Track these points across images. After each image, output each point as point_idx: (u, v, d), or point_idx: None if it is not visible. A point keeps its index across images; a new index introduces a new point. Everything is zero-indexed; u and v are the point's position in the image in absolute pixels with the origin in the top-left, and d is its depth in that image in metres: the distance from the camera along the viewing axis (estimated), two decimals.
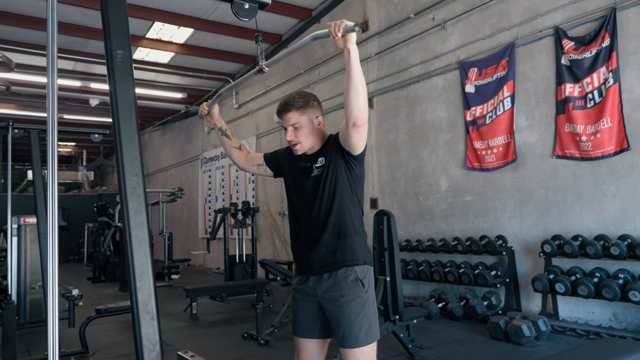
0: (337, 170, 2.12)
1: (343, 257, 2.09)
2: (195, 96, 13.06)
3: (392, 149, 7.45)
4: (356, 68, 1.87)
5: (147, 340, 1.84)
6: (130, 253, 1.83)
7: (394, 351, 4.31)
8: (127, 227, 1.84)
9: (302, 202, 2.22)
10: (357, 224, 2.15)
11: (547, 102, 5.43)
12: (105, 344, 5.01)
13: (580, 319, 4.99)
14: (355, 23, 1.80)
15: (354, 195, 2.15)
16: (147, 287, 1.85)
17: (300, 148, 2.17)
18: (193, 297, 6.30)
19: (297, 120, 2.14)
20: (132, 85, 1.90)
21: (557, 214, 5.30)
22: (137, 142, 1.88)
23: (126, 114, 1.87)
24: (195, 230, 13.96)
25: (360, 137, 2.00)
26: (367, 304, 2.07)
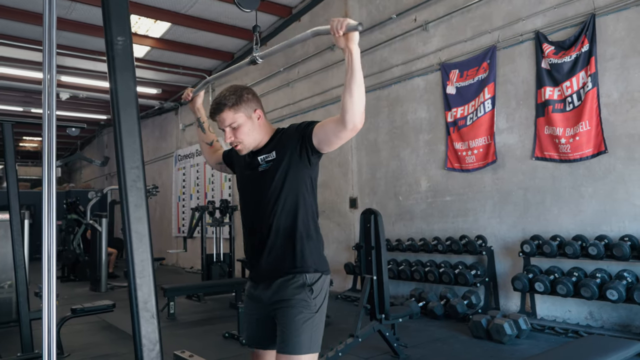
0: (291, 167, 1.95)
1: (292, 264, 1.93)
2: (170, 92, 12.83)
3: (373, 149, 7.47)
4: (358, 69, 1.78)
5: (146, 340, 1.76)
6: (130, 249, 1.75)
7: (379, 350, 4.31)
8: (127, 221, 1.76)
9: (249, 201, 2.07)
10: (310, 227, 1.97)
11: (527, 104, 5.54)
12: (80, 345, 4.84)
13: (558, 317, 5.10)
14: (358, 22, 1.73)
15: (308, 196, 1.99)
16: (147, 284, 1.77)
17: (242, 148, 2.02)
18: (171, 296, 6.17)
19: (233, 119, 1.98)
20: (132, 74, 1.82)
21: (536, 214, 5.41)
22: (137, 133, 1.81)
23: (126, 104, 1.79)
24: (168, 228, 13.70)
25: (348, 138, 1.93)
26: (312, 311, 1.90)
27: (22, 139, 19.04)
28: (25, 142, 19.82)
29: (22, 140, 19.22)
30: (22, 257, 4.55)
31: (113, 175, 17.44)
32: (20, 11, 8.14)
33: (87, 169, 21.32)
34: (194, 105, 2.43)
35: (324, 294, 1.97)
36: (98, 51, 10.06)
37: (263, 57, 2.17)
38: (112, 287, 9.02)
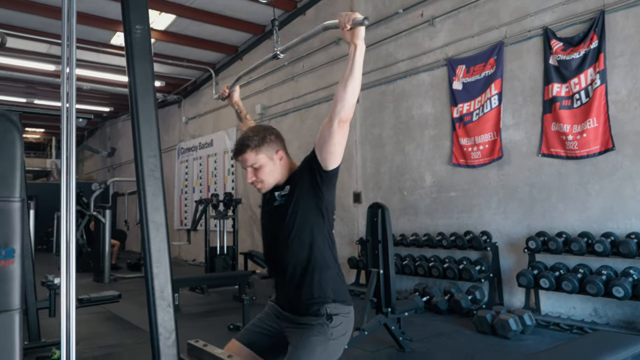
0: (303, 199, 1.95)
1: (310, 295, 1.93)
2: (173, 85, 12.82)
3: (377, 144, 7.46)
4: (359, 65, 1.79)
5: (163, 328, 1.77)
6: (147, 238, 1.76)
7: (384, 344, 4.33)
8: (144, 211, 1.77)
9: (268, 235, 2.11)
10: (327, 257, 1.97)
11: (534, 101, 5.53)
12: (87, 335, 4.86)
13: (563, 313, 5.11)
14: (364, 17, 1.73)
15: (323, 226, 1.97)
16: (164, 273, 1.78)
17: (262, 187, 2.05)
18: (175, 288, 6.16)
19: (255, 160, 2.00)
20: (150, 62, 1.82)
21: (542, 211, 5.41)
22: (155, 121, 1.81)
23: (144, 92, 1.79)
24: (170, 221, 13.70)
25: (342, 139, 1.85)
26: (328, 337, 1.89)
27: (25, 131, 19.03)
28: (28, 134, 19.83)
29: (25, 132, 19.22)
30: (29, 247, 4.57)
31: (115, 167, 17.44)
32: (25, 2, 8.12)
33: (89, 161, 21.34)
34: (231, 100, 2.54)
35: (344, 328, 1.95)
36: (102, 43, 10.05)
37: (284, 51, 2.22)
38: (115, 278, 9.04)
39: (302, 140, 8.91)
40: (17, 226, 0.87)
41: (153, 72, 1.84)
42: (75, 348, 1.78)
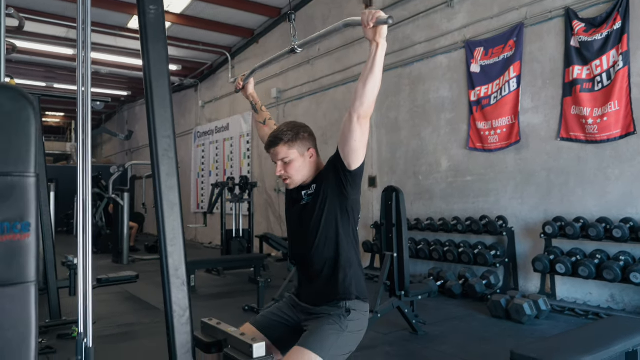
0: (329, 198, 1.98)
1: (335, 292, 1.97)
2: (190, 69, 12.84)
3: (393, 128, 7.41)
4: (380, 64, 1.78)
5: (177, 306, 1.81)
6: (162, 217, 1.79)
7: (398, 326, 4.35)
8: (159, 190, 1.79)
9: (293, 230, 2.15)
10: (351, 256, 2.01)
11: (554, 84, 5.42)
12: (106, 314, 4.98)
13: (578, 299, 5.07)
14: (389, 15, 1.72)
15: (349, 225, 2.00)
16: (178, 252, 1.81)
17: (291, 183, 2.07)
18: (191, 269, 6.27)
19: (286, 154, 2.02)
20: (164, 44, 1.83)
21: (559, 196, 5.34)
22: (169, 102, 1.83)
23: (158, 74, 1.80)
24: (187, 204, 13.86)
25: (363, 136, 1.86)
26: (343, 328, 1.91)
27: (45, 114, 19.32)
28: (48, 118, 20.12)
29: (45, 115, 19.50)
30: (50, 228, 4.67)
31: (133, 151, 17.64)
32: None
33: (107, 145, 21.60)
34: (246, 92, 2.53)
35: (360, 325, 1.98)
36: (119, 27, 10.09)
37: (302, 46, 2.20)
38: (134, 259, 9.21)
39: (317, 124, 8.89)
40: (32, 201, 0.88)
41: (167, 53, 1.85)
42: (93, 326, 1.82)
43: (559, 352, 2.41)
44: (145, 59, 1.79)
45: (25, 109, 0.93)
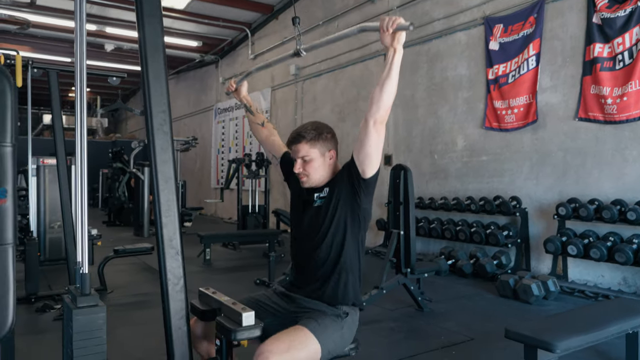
0: (341, 204, 1.99)
1: (334, 295, 1.99)
2: (210, 45, 12.87)
3: (410, 106, 7.34)
4: (397, 70, 1.79)
5: (171, 274, 1.89)
6: (157, 189, 1.85)
7: (403, 303, 4.40)
8: (154, 163, 1.85)
9: (299, 229, 2.15)
10: (354, 263, 2.02)
11: (574, 62, 5.28)
12: (122, 283, 5.16)
13: (590, 281, 5.03)
14: (410, 22, 1.71)
15: (358, 232, 2.02)
16: (172, 223, 1.88)
17: (307, 181, 2.06)
18: (207, 243, 6.42)
19: (307, 152, 2.03)
20: (159, 20, 1.87)
21: (575, 177, 5.25)
22: (164, 78, 1.87)
23: (154, 48, 1.84)
24: (207, 180, 14.08)
25: (379, 142, 1.88)
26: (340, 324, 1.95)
27: (71, 90, 19.67)
28: (72, 93, 20.48)
29: (70, 90, 19.87)
30: (69, 202, 4.83)
31: None
32: None
33: (132, 120, 21.96)
34: (239, 95, 2.47)
35: (353, 328, 2.02)
36: None
37: (307, 50, 2.18)
38: (154, 232, 9.44)
39: (335, 102, 8.87)
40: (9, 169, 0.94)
41: (162, 28, 1.88)
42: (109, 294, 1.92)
43: (554, 331, 2.43)
44: (141, 33, 1.82)
45: (1, 82, 0.97)
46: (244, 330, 1.75)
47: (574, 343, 2.35)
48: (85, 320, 1.74)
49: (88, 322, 1.75)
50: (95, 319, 1.76)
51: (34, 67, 4.60)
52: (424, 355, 3.26)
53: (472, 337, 3.59)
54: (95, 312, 1.77)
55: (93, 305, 1.79)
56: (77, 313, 1.73)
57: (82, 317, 1.74)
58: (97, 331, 1.74)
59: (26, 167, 5.76)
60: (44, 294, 4.48)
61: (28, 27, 5.11)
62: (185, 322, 1.88)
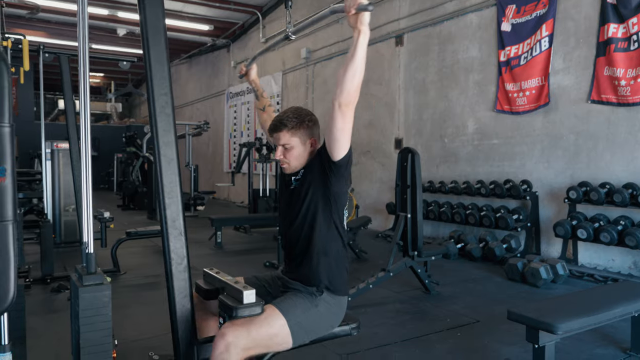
0: (312, 186, 2.01)
1: (306, 274, 2.02)
2: (222, 29, 12.84)
3: (421, 89, 7.28)
4: (362, 51, 1.75)
5: (175, 254, 1.94)
6: (160, 171, 1.89)
7: (410, 286, 4.44)
8: (157, 146, 1.88)
9: (282, 215, 2.21)
10: (327, 245, 2.02)
11: (588, 43, 5.18)
12: (135, 265, 5.27)
13: (600, 265, 5.00)
14: (369, 2, 1.69)
15: (330, 215, 2.01)
16: (175, 204, 1.92)
17: (287, 168, 2.08)
18: (218, 226, 6.50)
19: (288, 141, 2.03)
20: (161, 3, 1.88)
21: (586, 160, 5.19)
22: (166, 61, 1.89)
23: (155, 31, 1.86)
24: (220, 164, 14.18)
25: (345, 125, 1.84)
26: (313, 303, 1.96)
27: None
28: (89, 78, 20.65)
29: None
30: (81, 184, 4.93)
31: None
32: None
33: (145, 105, 22.10)
34: (249, 78, 2.58)
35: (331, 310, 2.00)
36: None
37: (295, 32, 2.26)
38: None
39: None
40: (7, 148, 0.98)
41: (164, 11, 1.89)
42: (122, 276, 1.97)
43: (556, 312, 2.43)
44: (142, 16, 1.84)
45: None
46: (244, 308, 1.79)
47: (575, 325, 2.36)
48: (91, 298, 1.80)
49: (93, 299, 1.80)
50: (100, 296, 1.81)
51: (45, 51, 4.67)
52: (429, 336, 3.29)
53: (478, 320, 3.61)
54: (101, 290, 1.82)
55: (98, 283, 1.84)
56: (83, 291, 1.79)
57: (88, 295, 1.79)
58: (102, 308, 1.80)
59: (40, 152, 5.86)
60: (59, 275, 4.59)
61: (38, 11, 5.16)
62: (189, 301, 1.93)
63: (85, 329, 1.76)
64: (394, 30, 7.65)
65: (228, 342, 1.72)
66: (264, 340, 1.83)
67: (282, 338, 1.88)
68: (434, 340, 3.23)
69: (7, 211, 1.00)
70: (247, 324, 1.78)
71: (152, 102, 1.86)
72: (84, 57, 1.84)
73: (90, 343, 1.85)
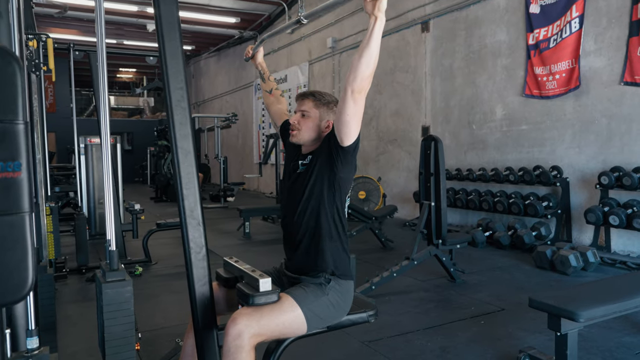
0: (319, 171, 2.01)
1: (314, 262, 2.02)
2: (248, 21, 12.92)
3: (447, 76, 7.17)
4: (377, 38, 1.76)
5: (194, 243, 1.99)
6: (177, 163, 1.94)
7: (436, 274, 4.42)
8: (174, 139, 1.94)
9: (284, 197, 2.19)
10: (332, 229, 2.03)
11: (620, 23, 4.99)
12: (166, 256, 5.42)
13: (633, 252, 4.85)
14: None
15: (334, 200, 2.02)
16: (193, 194, 1.97)
17: (296, 135, 2.09)
18: (246, 217, 6.61)
19: (309, 109, 2.07)
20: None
21: (620, 145, 5.02)
22: (180, 55, 1.94)
23: (170, 27, 1.90)
24: (250, 156, 14.35)
25: (356, 111, 1.84)
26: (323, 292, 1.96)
27: (118, 70, 20.34)
28: (122, 74, 21.17)
29: (118, 71, 20.53)
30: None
31: (200, 104, 18.30)
32: None
33: None
34: (255, 61, 2.59)
35: (341, 297, 2.01)
36: None
37: (308, 16, 2.21)
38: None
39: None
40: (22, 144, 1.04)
41: (177, 6, 1.94)
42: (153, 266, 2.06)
43: (579, 300, 2.39)
44: (157, 10, 1.88)
45: (11, 64, 1.07)
46: (261, 296, 1.83)
47: (599, 312, 2.32)
48: (114, 294, 1.88)
49: (116, 295, 1.88)
50: (122, 292, 1.88)
51: (75, 49, 4.82)
52: (452, 324, 3.28)
53: (503, 308, 3.58)
54: (123, 286, 1.89)
55: (120, 279, 1.91)
56: (106, 287, 1.87)
57: (111, 291, 1.87)
58: (124, 303, 1.87)
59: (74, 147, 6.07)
60: (93, 265, 4.77)
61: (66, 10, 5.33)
62: (208, 288, 1.99)
63: (109, 323, 1.85)
64: (419, 17, 7.54)
65: (240, 328, 1.76)
66: (277, 326, 1.86)
67: (296, 324, 1.91)
68: (456, 328, 3.22)
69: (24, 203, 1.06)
70: (259, 311, 1.82)
71: (168, 96, 1.91)
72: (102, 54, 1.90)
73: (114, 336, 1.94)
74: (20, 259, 1.10)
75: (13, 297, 1.19)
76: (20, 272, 1.12)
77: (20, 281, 1.13)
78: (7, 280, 1.12)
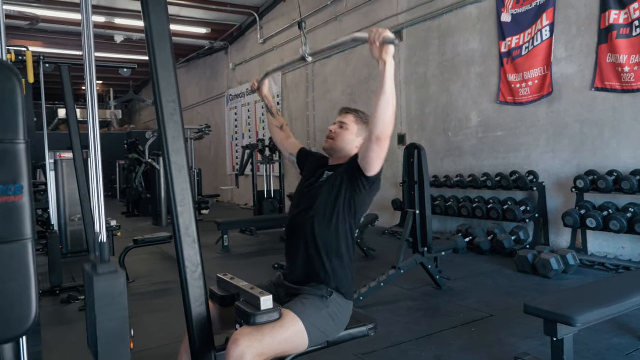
0: (344, 186, 2.02)
1: (316, 274, 2.00)
2: (219, 31, 12.81)
3: (422, 84, 7.26)
4: (390, 81, 1.77)
5: (189, 262, 1.91)
6: (171, 179, 1.86)
7: (422, 282, 4.41)
8: (166, 153, 1.86)
9: (299, 205, 2.15)
10: (342, 247, 2.02)
11: (589, 30, 5.15)
12: (144, 273, 5.26)
13: (610, 254, 4.97)
14: (395, 37, 1.72)
15: (347, 219, 2.03)
16: (188, 211, 1.90)
17: (331, 144, 2.17)
18: (224, 230, 6.49)
19: (349, 123, 2.15)
20: (165, 8, 1.86)
21: (592, 148, 5.16)
22: (172, 67, 1.87)
23: (160, 38, 1.83)
24: (223, 167, 14.17)
25: (380, 153, 1.88)
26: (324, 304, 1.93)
27: (83, 83, 19.84)
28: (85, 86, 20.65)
29: (83, 84, 20.03)
30: (87, 193, 4.90)
31: None
32: None
33: (145, 111, 22.10)
34: (261, 93, 2.53)
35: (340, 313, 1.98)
36: None
37: (312, 54, 2.18)
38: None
39: (346, 83, 8.81)
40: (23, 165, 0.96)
41: (168, 16, 1.87)
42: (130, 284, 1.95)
43: (574, 304, 2.41)
44: (147, 22, 1.81)
45: (11, 80, 0.98)
46: (263, 314, 1.77)
47: (594, 316, 2.34)
48: (107, 287, 1.76)
49: (109, 287, 1.76)
50: (116, 284, 1.77)
51: (46, 62, 4.65)
52: (443, 333, 3.27)
53: (492, 314, 3.59)
54: (116, 278, 1.78)
55: (113, 271, 1.81)
56: (98, 279, 1.75)
57: (103, 283, 1.76)
58: (118, 296, 1.76)
59: (43, 163, 5.84)
60: (68, 286, 4.58)
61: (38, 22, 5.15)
62: (205, 308, 1.91)
63: (102, 317, 1.73)
64: (393, 26, 7.62)
65: (242, 350, 1.70)
66: (280, 344, 1.80)
67: (298, 339, 1.86)
68: (448, 336, 3.21)
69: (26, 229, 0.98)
70: (261, 329, 1.76)
71: (160, 110, 1.84)
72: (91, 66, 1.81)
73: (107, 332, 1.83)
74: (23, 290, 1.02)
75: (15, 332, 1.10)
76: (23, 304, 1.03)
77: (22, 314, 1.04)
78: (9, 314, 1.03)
